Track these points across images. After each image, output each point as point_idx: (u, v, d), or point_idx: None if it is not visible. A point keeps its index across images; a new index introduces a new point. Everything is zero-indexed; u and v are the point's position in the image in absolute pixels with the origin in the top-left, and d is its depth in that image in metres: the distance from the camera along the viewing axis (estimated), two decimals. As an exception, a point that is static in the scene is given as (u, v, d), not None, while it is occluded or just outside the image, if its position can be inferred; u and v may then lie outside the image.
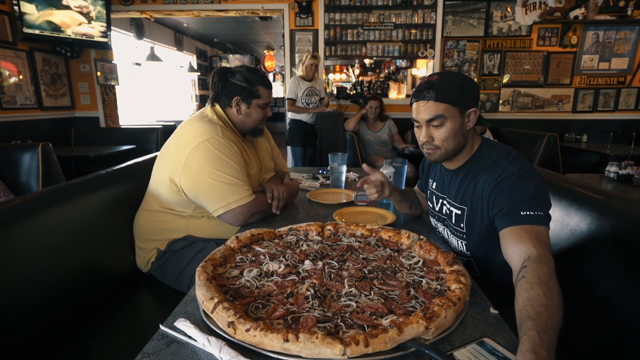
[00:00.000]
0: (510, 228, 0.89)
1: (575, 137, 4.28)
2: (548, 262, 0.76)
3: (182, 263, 1.31)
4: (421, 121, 1.04)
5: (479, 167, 1.06)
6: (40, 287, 1.04)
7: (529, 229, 0.86)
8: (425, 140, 1.06)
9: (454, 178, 1.13)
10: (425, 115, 1.02)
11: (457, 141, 1.04)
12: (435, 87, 1.00)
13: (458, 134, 1.03)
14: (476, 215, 1.05)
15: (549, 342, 0.57)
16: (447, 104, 1.00)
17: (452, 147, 1.05)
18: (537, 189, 0.93)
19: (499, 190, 0.96)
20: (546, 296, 0.66)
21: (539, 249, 0.80)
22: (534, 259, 0.77)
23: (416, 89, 1.05)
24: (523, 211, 0.89)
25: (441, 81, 1.01)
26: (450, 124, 1.01)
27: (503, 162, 1.00)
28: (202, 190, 1.28)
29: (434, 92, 1.00)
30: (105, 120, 4.58)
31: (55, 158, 2.52)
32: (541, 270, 0.73)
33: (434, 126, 1.03)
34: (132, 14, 4.58)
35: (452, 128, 1.02)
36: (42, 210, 1.12)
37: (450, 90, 1.00)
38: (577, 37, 4.16)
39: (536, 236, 0.84)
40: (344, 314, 0.68)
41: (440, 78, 1.01)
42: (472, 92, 1.04)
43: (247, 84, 1.39)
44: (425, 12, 4.15)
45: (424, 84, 1.03)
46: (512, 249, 0.86)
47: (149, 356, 0.61)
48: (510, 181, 0.95)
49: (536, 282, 0.69)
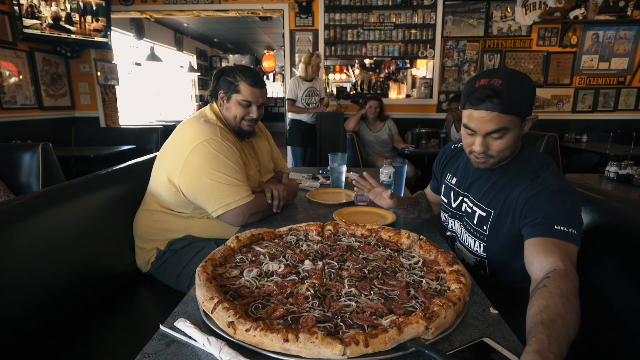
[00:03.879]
0: (539, 238, 0.87)
1: (575, 137, 4.28)
2: (574, 279, 0.74)
3: (182, 263, 1.31)
4: (479, 132, 0.94)
5: (515, 173, 1.01)
6: (40, 287, 1.04)
7: (559, 243, 0.84)
8: (482, 151, 0.96)
9: (485, 178, 1.07)
10: (489, 126, 0.91)
11: (513, 150, 0.99)
12: (501, 95, 0.87)
13: (515, 143, 0.97)
14: (504, 221, 1.01)
15: (559, 349, 0.55)
16: (512, 115, 0.90)
17: (507, 155, 0.99)
18: (574, 206, 0.90)
19: (535, 200, 0.93)
20: (564, 308, 0.64)
21: (567, 264, 0.78)
22: (559, 272, 0.75)
23: (474, 92, 0.91)
24: (557, 225, 0.86)
25: (507, 88, 0.87)
26: (511, 135, 0.93)
27: (543, 173, 0.96)
28: (201, 191, 1.28)
29: (500, 102, 0.87)
30: (105, 120, 4.58)
31: (55, 158, 2.52)
32: (565, 285, 0.71)
33: (493, 138, 0.94)
34: (132, 14, 4.58)
35: (514, 139, 0.94)
36: (42, 210, 1.12)
37: (517, 99, 0.89)
38: (577, 37, 4.16)
39: (566, 252, 0.82)
40: (344, 314, 0.68)
41: (506, 84, 0.88)
42: (533, 97, 0.94)
43: (231, 79, 1.39)
44: (425, 12, 4.15)
45: (486, 90, 0.89)
46: (537, 258, 0.83)
47: (149, 356, 0.61)
48: (549, 193, 0.91)
49: (557, 292, 0.68)
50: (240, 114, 1.40)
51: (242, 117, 1.41)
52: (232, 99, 1.40)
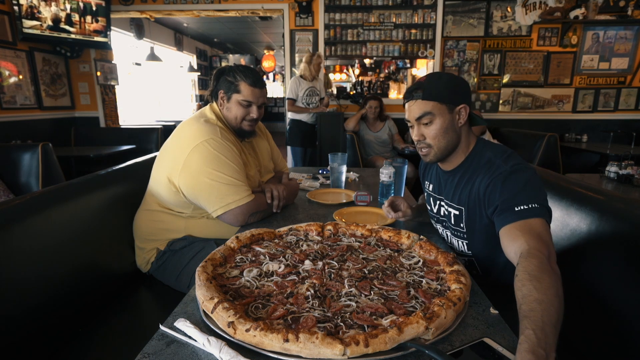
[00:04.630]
0: (506, 227, 0.89)
1: (575, 137, 4.28)
2: (538, 255, 0.75)
3: (182, 263, 1.31)
4: (412, 120, 1.08)
5: (474, 167, 1.07)
6: (40, 287, 1.04)
7: (522, 224, 0.87)
8: (417, 139, 1.09)
9: (450, 179, 1.13)
10: (415, 113, 1.06)
11: (448, 138, 1.06)
12: (422, 86, 1.04)
13: (449, 131, 1.05)
14: (475, 215, 1.05)
15: (546, 339, 0.56)
16: (434, 101, 1.03)
17: (444, 144, 1.06)
18: (529, 182, 0.93)
19: (492, 187, 0.97)
20: (538, 291, 0.65)
21: (530, 242, 0.80)
22: (524, 254, 0.77)
23: (406, 90, 1.10)
24: (517, 206, 0.89)
25: (428, 81, 1.05)
26: (439, 121, 1.04)
27: (497, 160, 1.01)
28: (201, 191, 1.28)
29: (422, 91, 1.04)
30: (105, 120, 4.58)
31: (55, 158, 2.52)
32: (530, 265, 0.72)
33: (424, 124, 1.06)
34: (132, 14, 4.58)
35: (442, 125, 1.04)
36: (42, 210, 1.12)
37: (437, 88, 1.04)
38: (577, 37, 4.16)
39: (529, 231, 0.84)
40: (344, 314, 0.68)
41: (428, 78, 1.06)
42: (460, 89, 1.07)
43: (231, 79, 1.39)
44: (425, 12, 4.15)
45: (413, 85, 1.08)
46: (509, 248, 0.86)
47: (149, 356, 0.61)
48: (502, 177, 0.96)
49: (526, 278, 0.69)
50: (241, 114, 1.40)
51: (243, 117, 1.41)
52: (232, 99, 1.40)
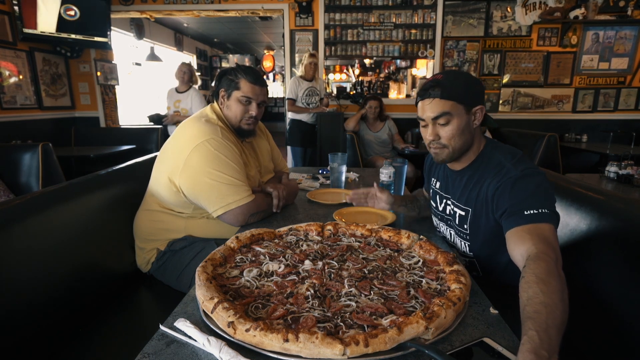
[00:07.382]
0: (514, 229, 0.89)
1: (575, 137, 4.27)
2: (546, 259, 0.75)
3: (182, 263, 1.31)
4: (427, 119, 1.04)
5: (483, 169, 1.05)
6: (40, 287, 1.04)
7: (531, 228, 0.86)
8: (432, 139, 1.05)
9: (459, 179, 1.12)
10: (431, 112, 1.01)
11: (464, 139, 1.04)
12: (440, 84, 0.99)
13: (465, 132, 1.03)
14: (480, 217, 1.04)
15: (550, 341, 0.56)
16: (453, 101, 0.99)
17: (460, 145, 1.04)
18: (539, 187, 0.92)
19: (501, 191, 0.96)
20: (544, 293, 0.65)
21: (538, 246, 0.80)
22: (531, 257, 0.77)
23: (421, 87, 1.05)
24: (526, 210, 0.88)
25: (446, 79, 1.01)
26: (456, 122, 1.01)
27: (507, 164, 0.99)
28: (202, 191, 1.28)
29: (440, 89, 0.99)
30: (105, 120, 4.58)
31: (55, 158, 2.52)
32: (538, 268, 0.72)
33: (440, 124, 1.02)
34: (132, 14, 4.58)
35: (459, 126, 1.01)
36: (42, 210, 1.12)
37: (456, 87, 1.00)
38: (577, 37, 4.16)
39: (538, 235, 0.84)
40: (344, 314, 0.68)
41: (445, 76, 1.02)
42: (478, 90, 1.05)
43: (232, 77, 1.39)
44: (425, 12, 4.15)
45: (429, 83, 1.02)
46: (516, 250, 0.85)
47: (149, 356, 0.61)
48: (512, 182, 0.94)
49: (533, 280, 0.69)
50: (241, 112, 1.40)
51: (242, 114, 1.41)
52: (232, 96, 1.40)
